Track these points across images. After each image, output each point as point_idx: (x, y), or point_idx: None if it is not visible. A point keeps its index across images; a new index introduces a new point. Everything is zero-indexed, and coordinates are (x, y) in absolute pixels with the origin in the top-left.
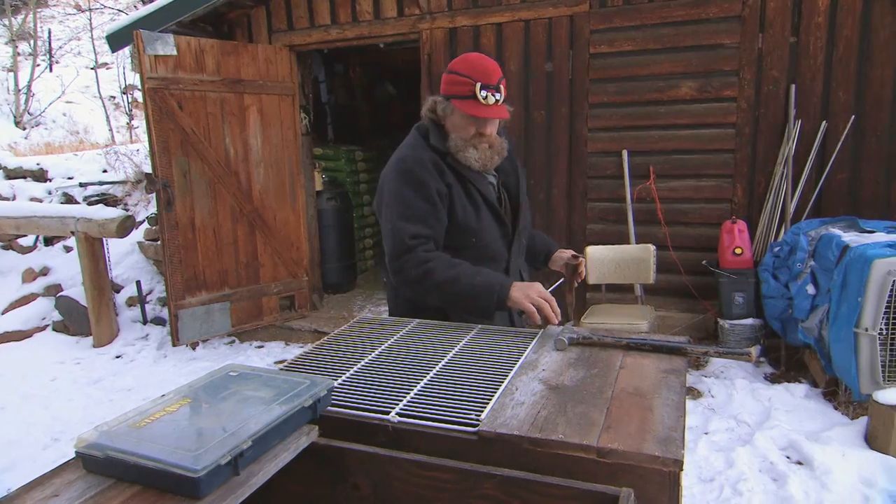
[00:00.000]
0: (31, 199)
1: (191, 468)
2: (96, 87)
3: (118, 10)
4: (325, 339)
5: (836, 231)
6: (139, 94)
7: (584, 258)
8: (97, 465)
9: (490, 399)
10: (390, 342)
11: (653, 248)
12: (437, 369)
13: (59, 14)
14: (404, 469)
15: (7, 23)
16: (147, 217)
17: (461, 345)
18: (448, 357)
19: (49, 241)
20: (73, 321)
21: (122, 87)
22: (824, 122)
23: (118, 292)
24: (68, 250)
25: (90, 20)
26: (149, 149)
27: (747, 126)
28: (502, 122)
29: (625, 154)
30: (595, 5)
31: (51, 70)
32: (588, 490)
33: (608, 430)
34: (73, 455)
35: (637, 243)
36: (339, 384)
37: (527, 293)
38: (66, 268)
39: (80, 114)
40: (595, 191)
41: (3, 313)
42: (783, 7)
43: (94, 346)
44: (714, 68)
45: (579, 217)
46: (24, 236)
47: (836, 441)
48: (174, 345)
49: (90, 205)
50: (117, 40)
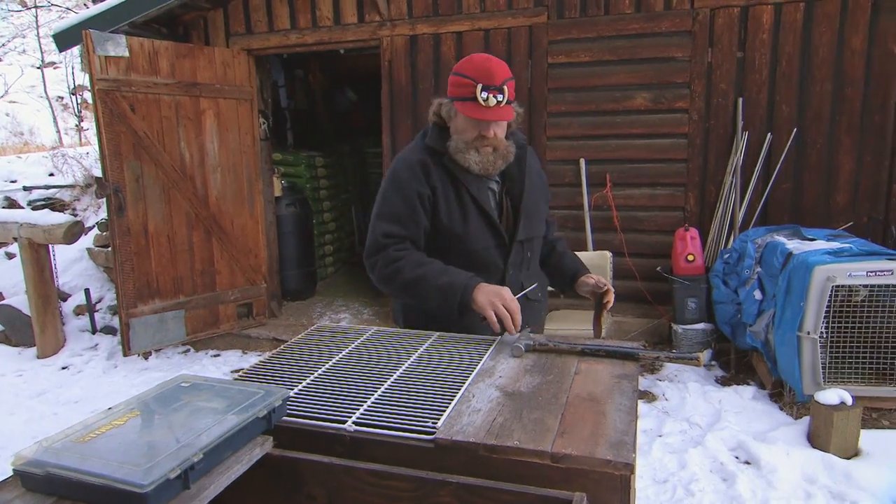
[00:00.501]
0: None
1: (138, 483)
2: (42, 86)
3: (66, 8)
4: (283, 347)
5: (781, 239)
6: (89, 95)
7: (610, 286)
8: (37, 483)
9: (447, 406)
10: (348, 350)
11: (609, 254)
12: (395, 377)
13: (2, 10)
14: (360, 478)
15: None
16: (97, 223)
17: (419, 352)
18: (405, 365)
19: None
20: (15, 331)
21: (71, 87)
22: (769, 134)
23: (65, 301)
24: (11, 257)
25: (36, 17)
26: (99, 152)
27: (698, 137)
28: (513, 124)
29: (582, 162)
30: (553, 16)
31: None
32: (542, 495)
33: (562, 435)
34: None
35: (594, 250)
36: (296, 393)
37: (491, 299)
38: (9, 275)
39: (25, 114)
40: (553, 198)
41: None
42: (730, 23)
43: (38, 358)
44: (667, 80)
45: None
46: None
47: (781, 441)
48: (125, 355)
49: (35, 210)
50: (65, 40)
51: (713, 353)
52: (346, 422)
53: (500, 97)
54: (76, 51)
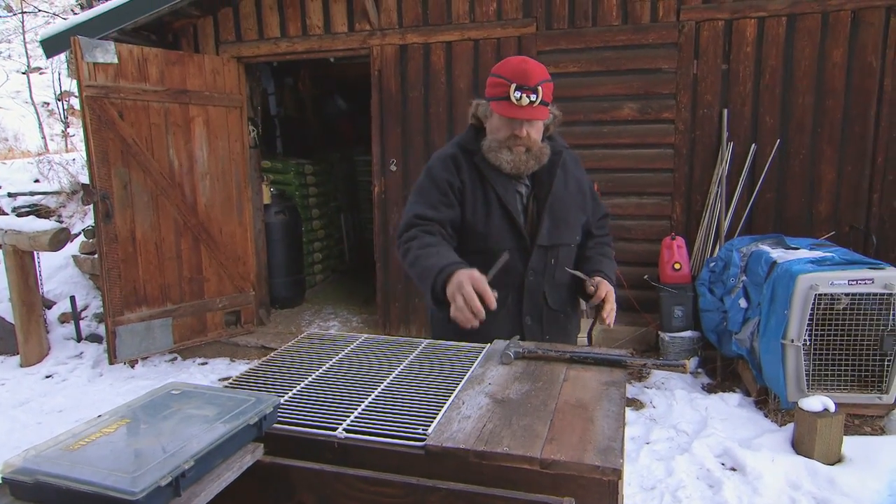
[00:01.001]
0: None
1: (129, 491)
2: (28, 92)
3: (53, 14)
4: (272, 354)
5: (765, 247)
6: (76, 101)
7: (607, 301)
8: (26, 491)
9: (437, 413)
10: (338, 358)
11: None
12: (385, 385)
13: None
14: (350, 485)
15: None
16: (83, 230)
17: (409, 360)
18: (396, 373)
19: None
20: None
21: (57, 93)
22: (753, 144)
23: (50, 308)
24: None
25: (22, 22)
26: (86, 158)
27: (685, 147)
28: (551, 128)
29: None
30: (542, 27)
31: None
32: (531, 500)
33: (551, 441)
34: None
35: None
36: (286, 401)
37: (452, 292)
38: None
39: (10, 120)
40: None
41: None
42: (715, 36)
43: (21, 366)
44: (653, 91)
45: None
46: None
47: (766, 447)
48: (111, 363)
49: (20, 216)
50: (53, 46)
51: (700, 360)
52: (337, 429)
53: (533, 97)
54: (63, 56)
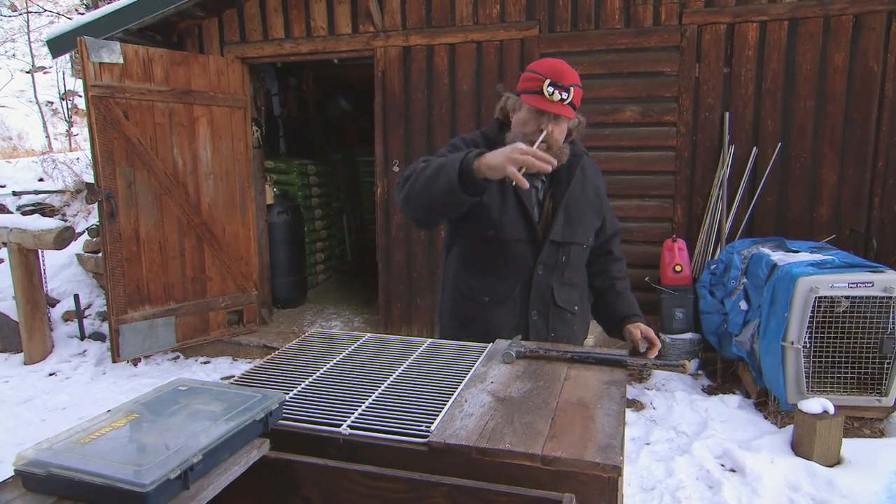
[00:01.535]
0: None
1: (139, 483)
2: (33, 91)
3: (58, 14)
4: (276, 353)
5: (766, 250)
6: (80, 101)
7: (657, 345)
8: (38, 483)
9: (440, 411)
10: (342, 356)
11: None
12: (389, 383)
13: None
14: (354, 480)
15: None
16: (87, 228)
17: (412, 359)
18: (399, 371)
19: None
20: (2, 337)
21: (62, 92)
22: (755, 148)
23: (54, 306)
24: None
25: (27, 22)
26: (91, 158)
27: (686, 150)
28: (574, 132)
29: None
30: (544, 30)
31: None
32: (532, 496)
33: (552, 438)
34: (11, 473)
35: None
36: (291, 398)
37: (503, 153)
38: None
39: (14, 119)
40: None
41: None
42: (717, 39)
43: (25, 364)
44: (655, 94)
45: None
46: None
47: (765, 449)
48: (114, 361)
49: (24, 214)
50: (59, 46)
51: (700, 362)
52: (342, 425)
53: (564, 95)
54: (67, 56)
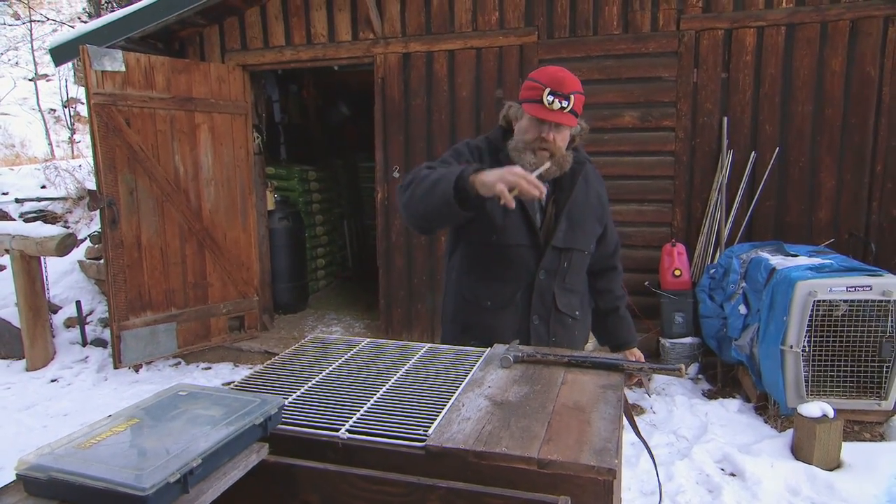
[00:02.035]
0: None
1: (139, 487)
2: (35, 99)
3: (60, 22)
4: (276, 358)
5: (765, 254)
6: (82, 108)
7: (649, 374)
8: (40, 487)
9: (437, 415)
10: (340, 361)
11: None
12: (387, 387)
13: None
14: (353, 484)
15: None
16: (89, 235)
17: (410, 363)
18: (397, 375)
19: None
20: (4, 344)
21: (64, 100)
22: (753, 152)
23: (56, 313)
24: (1, 269)
25: (30, 30)
26: (93, 165)
27: (685, 155)
28: (577, 139)
29: None
30: (543, 36)
31: None
32: (528, 499)
33: (549, 442)
34: (14, 478)
35: None
36: (290, 402)
37: (499, 174)
38: None
39: (17, 126)
40: None
41: None
42: (715, 45)
43: (27, 370)
44: (654, 99)
45: None
46: None
47: (765, 453)
48: (116, 367)
49: (27, 221)
50: (62, 54)
51: (700, 366)
52: (340, 429)
53: (565, 103)
54: (69, 63)
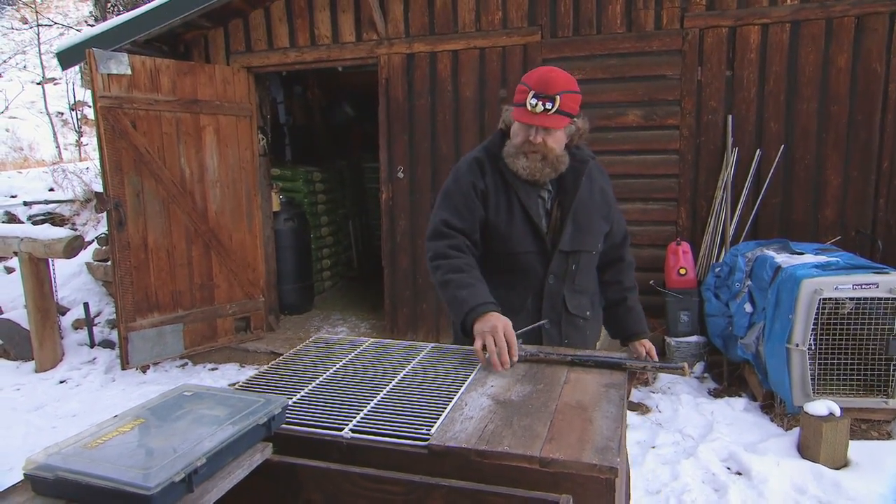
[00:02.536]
0: None
1: (144, 486)
2: (43, 102)
3: (67, 26)
4: (280, 358)
5: (770, 253)
6: (89, 111)
7: (654, 373)
8: (47, 486)
9: (440, 414)
10: (344, 361)
11: None
12: (391, 387)
13: (3, 27)
14: (356, 483)
15: None
16: (96, 237)
17: (414, 363)
18: (401, 375)
19: None
20: (13, 345)
21: (71, 103)
22: (758, 150)
23: (64, 315)
24: (10, 271)
25: (38, 34)
26: (100, 168)
27: (689, 153)
28: (575, 138)
29: None
30: (546, 36)
31: None
32: (530, 497)
33: (551, 441)
34: (22, 478)
35: None
36: (294, 402)
37: (484, 330)
38: (8, 289)
39: (25, 130)
40: None
41: None
42: (719, 43)
43: (36, 371)
44: (658, 98)
45: None
46: None
47: (771, 451)
48: (123, 368)
49: (35, 224)
50: (68, 58)
51: (706, 365)
52: (344, 429)
53: (549, 105)
54: (77, 67)
